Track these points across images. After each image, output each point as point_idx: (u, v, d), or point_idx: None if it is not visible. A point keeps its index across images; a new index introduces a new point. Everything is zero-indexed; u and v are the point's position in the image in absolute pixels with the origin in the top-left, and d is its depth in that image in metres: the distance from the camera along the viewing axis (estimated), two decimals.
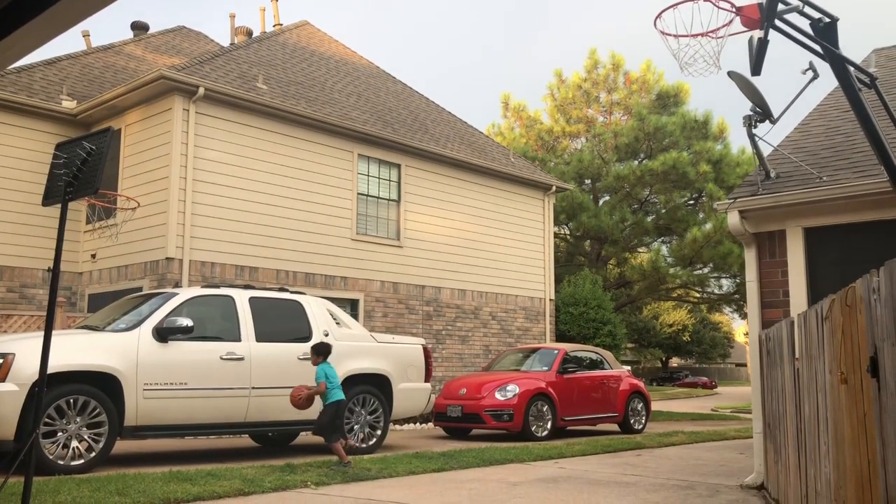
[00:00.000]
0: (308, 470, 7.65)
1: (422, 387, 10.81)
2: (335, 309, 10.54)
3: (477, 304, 17.71)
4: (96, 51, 17.64)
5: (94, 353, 7.97)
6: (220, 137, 13.45)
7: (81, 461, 7.62)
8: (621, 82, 28.81)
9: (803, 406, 4.83)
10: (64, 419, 7.58)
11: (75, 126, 14.20)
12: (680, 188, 25.53)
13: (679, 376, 58.68)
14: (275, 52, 17.17)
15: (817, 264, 7.42)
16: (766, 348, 6.84)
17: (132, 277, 13.23)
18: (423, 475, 7.89)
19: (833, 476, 3.93)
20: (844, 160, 7.90)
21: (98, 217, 13.11)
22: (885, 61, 10.76)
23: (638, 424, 14.23)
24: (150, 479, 6.81)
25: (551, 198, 19.89)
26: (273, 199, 14.02)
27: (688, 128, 25.75)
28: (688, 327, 57.15)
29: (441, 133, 18.45)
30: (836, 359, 3.73)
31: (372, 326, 14.72)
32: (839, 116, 9.16)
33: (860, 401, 3.25)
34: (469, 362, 17.31)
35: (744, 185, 8.21)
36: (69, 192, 5.30)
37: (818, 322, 4.18)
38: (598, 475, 8.11)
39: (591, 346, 15.92)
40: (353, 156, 15.50)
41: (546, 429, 12.51)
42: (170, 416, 8.37)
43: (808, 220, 7.49)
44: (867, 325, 3.06)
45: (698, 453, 10.62)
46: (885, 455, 2.84)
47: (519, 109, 30.51)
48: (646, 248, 28.92)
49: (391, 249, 16.01)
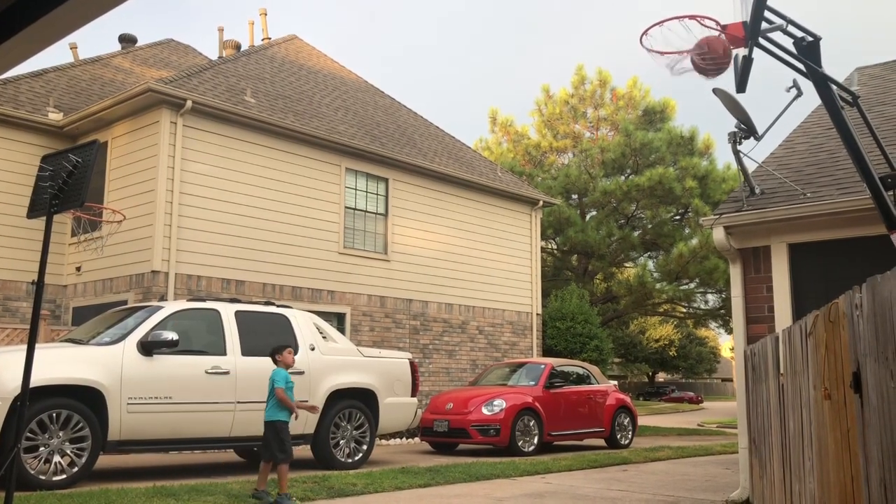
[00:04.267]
0: (293, 485, 7.59)
1: (408, 401, 10.78)
2: (322, 323, 10.50)
3: (464, 318, 17.70)
4: (84, 63, 17.59)
5: (78, 367, 7.90)
6: (207, 150, 13.42)
7: (64, 476, 7.53)
8: (608, 98, 29.00)
9: (788, 422, 4.85)
10: (46, 434, 7.50)
11: (62, 138, 14.14)
12: (666, 203, 25.68)
13: (665, 391, 58.75)
14: (263, 66, 17.18)
15: (802, 280, 7.48)
16: (751, 364, 6.87)
17: (117, 290, 13.14)
18: (409, 490, 7.85)
19: (817, 492, 3.95)
20: (828, 177, 7.98)
21: (83, 230, 13.03)
22: (867, 79, 10.89)
23: (624, 439, 14.23)
24: (134, 494, 6.75)
25: (538, 212, 19.95)
26: (260, 213, 14.00)
27: (674, 143, 25.93)
28: (674, 342, 57.26)
29: (429, 147, 18.49)
30: (819, 374, 3.75)
31: (359, 340, 14.68)
32: (822, 134, 9.26)
33: (844, 417, 3.27)
34: (456, 377, 17.28)
35: (729, 201, 8.27)
36: (55, 205, 5.28)
37: (802, 338, 4.21)
38: (585, 490, 8.10)
39: (577, 361, 15.93)
40: (341, 169, 15.51)
41: (533, 444, 12.49)
42: (154, 430, 8.30)
43: (793, 236, 7.55)
44: (850, 340, 3.09)
45: (684, 468, 10.63)
46: (868, 471, 2.86)
47: (506, 124, 30.63)
48: (632, 263, 29.02)
49: (378, 263, 16.00)
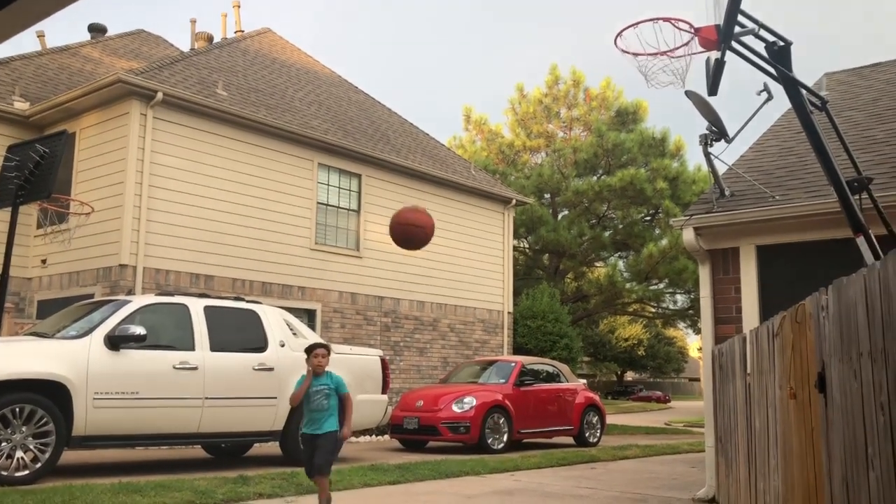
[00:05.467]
0: (261, 482, 7.54)
1: (379, 398, 10.75)
2: (292, 319, 10.44)
3: (435, 315, 17.70)
4: (51, 52, 17.30)
5: (43, 361, 7.77)
6: (177, 143, 13.27)
7: (26, 472, 7.40)
8: (581, 98, 29.17)
9: (754, 420, 4.92)
10: (9, 429, 7.37)
11: (28, 128, 13.89)
12: (637, 204, 25.90)
13: (634, 390, 59.29)
14: (235, 59, 17.03)
15: (770, 281, 7.58)
16: (718, 363, 6.96)
17: (84, 284, 12.95)
18: (379, 487, 7.84)
19: (782, 489, 4.01)
20: (797, 180, 8.09)
21: (50, 221, 12.81)
22: (835, 85, 11.07)
23: (593, 438, 14.33)
24: (99, 490, 6.66)
25: (511, 211, 20.00)
26: (230, 207, 13.87)
27: (646, 145, 26.16)
28: (643, 342, 57.79)
29: (402, 144, 18.46)
30: (785, 374, 3.81)
31: (329, 337, 14.61)
32: (792, 137, 9.39)
33: (808, 416, 3.32)
34: (427, 374, 17.28)
35: (699, 203, 8.36)
36: (21, 196, 5.19)
37: (769, 338, 4.26)
38: (553, 488, 8.15)
39: (547, 359, 16.01)
40: (314, 165, 15.42)
41: (502, 441, 12.53)
42: (121, 425, 8.19)
43: (761, 238, 7.65)
44: (816, 341, 3.13)
45: (652, 467, 10.73)
46: (831, 469, 2.90)
47: (480, 123, 30.69)
48: (603, 263, 29.22)
49: (350, 260, 15.94)
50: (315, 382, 5.86)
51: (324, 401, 5.81)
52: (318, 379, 5.88)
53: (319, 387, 5.83)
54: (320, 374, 5.88)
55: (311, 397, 5.80)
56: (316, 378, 5.88)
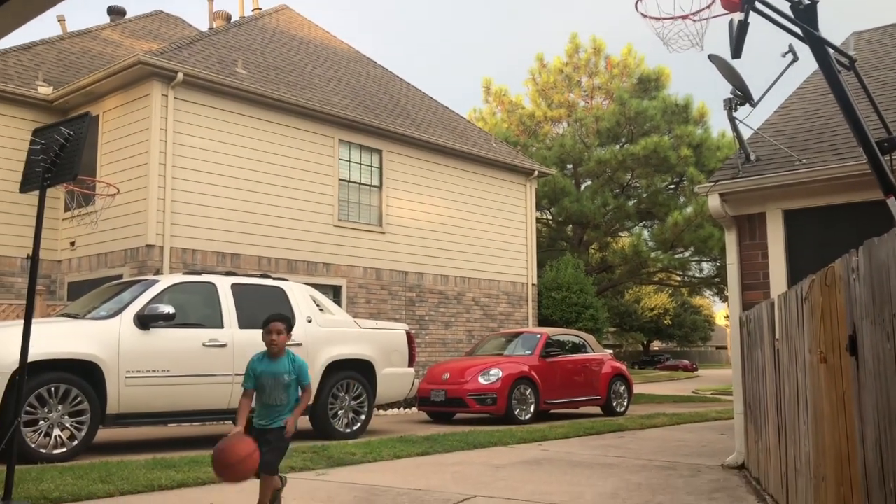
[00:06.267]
0: (292, 455, 7.65)
1: (405, 372, 10.83)
2: (318, 295, 10.52)
3: (460, 289, 17.73)
4: (72, 36, 17.38)
5: (75, 341, 7.91)
6: (199, 123, 13.32)
7: (64, 449, 7.58)
8: (602, 66, 28.81)
9: (783, 386, 4.89)
10: (45, 408, 7.53)
11: (52, 112, 14.01)
12: (661, 172, 25.64)
13: (660, 359, 59.20)
14: (254, 37, 17.01)
15: (797, 246, 7.49)
16: (746, 330, 6.91)
17: (112, 265, 13.11)
18: (408, 459, 7.92)
19: (812, 454, 3.99)
20: (824, 143, 7.96)
21: (77, 204, 12.96)
22: (863, 44, 10.83)
23: (620, 407, 14.35)
24: (134, 466, 6.79)
25: (533, 183, 19.90)
26: (254, 186, 13.93)
27: (669, 112, 25.82)
28: (669, 311, 57.56)
29: (422, 118, 18.39)
30: (815, 338, 3.77)
31: (355, 312, 14.70)
32: (819, 100, 9.22)
33: (839, 379, 3.29)
34: (452, 347, 17.35)
35: (724, 169, 8.26)
36: (47, 178, 5.24)
37: (798, 302, 4.22)
38: (581, 457, 8.18)
39: (573, 330, 16.01)
40: (335, 141, 15.42)
41: (529, 412, 12.58)
42: (152, 403, 8.33)
43: (788, 202, 7.55)
44: (846, 304, 3.10)
45: (680, 434, 10.73)
46: (864, 432, 2.88)
47: (500, 94, 30.44)
48: (627, 233, 29.04)
49: (373, 235, 15.98)
50: (270, 368, 4.64)
51: (282, 394, 4.63)
52: (273, 364, 4.65)
53: (276, 375, 4.63)
54: (276, 356, 4.67)
55: (265, 388, 4.62)
56: (271, 362, 4.66)
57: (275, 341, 4.66)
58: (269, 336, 4.66)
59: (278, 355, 4.69)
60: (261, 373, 4.65)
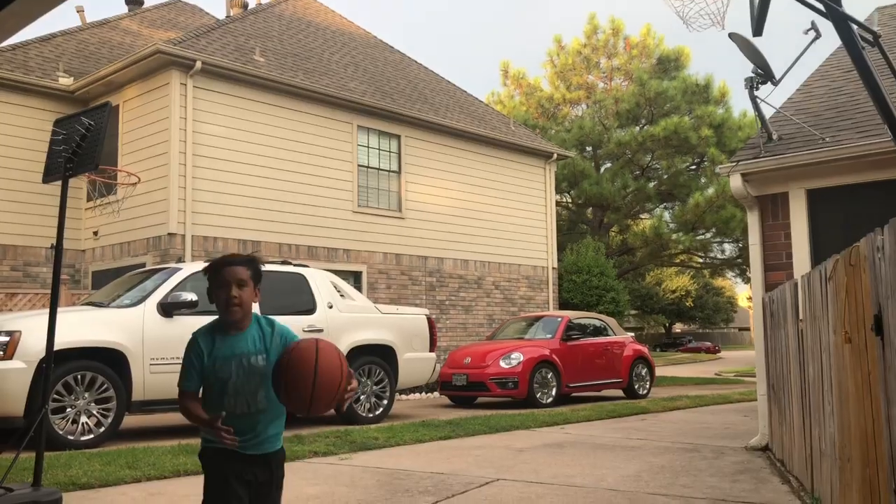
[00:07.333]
0: (315, 440, 7.71)
1: (427, 356, 10.87)
2: (339, 281, 10.55)
3: (480, 273, 17.73)
4: (91, 26, 17.49)
5: (100, 329, 8.00)
6: (218, 111, 13.37)
7: (91, 436, 7.69)
8: (621, 47, 28.56)
9: (807, 367, 4.85)
10: (72, 395, 7.64)
11: (73, 103, 14.11)
12: (682, 153, 25.44)
13: (682, 342, 58.91)
14: (271, 24, 17.01)
15: (820, 226, 7.41)
16: (769, 311, 6.85)
17: (135, 253, 13.24)
18: (430, 443, 7.95)
19: (837, 435, 3.96)
20: (847, 120, 7.84)
21: (99, 193, 13.09)
22: (887, 19, 10.64)
23: (642, 390, 14.31)
24: (160, 452, 6.88)
25: (552, 166, 19.81)
26: (273, 173, 13.98)
27: (689, 92, 25.58)
28: (691, 293, 57.23)
29: (440, 102, 18.33)
30: (839, 318, 3.73)
31: (375, 298, 14.75)
32: (841, 77, 9.08)
33: (864, 360, 3.26)
34: (473, 332, 17.37)
35: (746, 148, 8.16)
36: (69, 168, 5.29)
37: (822, 282, 4.18)
38: (604, 440, 8.17)
39: (594, 314, 15.96)
40: (353, 127, 15.42)
41: (551, 395, 12.59)
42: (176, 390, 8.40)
43: (811, 181, 7.45)
44: (871, 283, 3.06)
45: (703, 417, 10.69)
46: (890, 412, 2.85)
47: (519, 77, 30.28)
48: (648, 215, 28.87)
49: (393, 221, 16.00)
50: (230, 348, 2.71)
51: (258, 390, 2.66)
52: (234, 339, 2.72)
53: (242, 356, 2.69)
54: (238, 327, 2.74)
55: (226, 386, 2.66)
56: (228, 336, 2.73)
57: (235, 300, 2.69)
58: (223, 292, 2.70)
59: (241, 324, 2.74)
60: (215, 359, 2.69)
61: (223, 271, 2.76)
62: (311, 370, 2.51)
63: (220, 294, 2.76)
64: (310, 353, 2.55)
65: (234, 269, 2.77)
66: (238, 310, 2.75)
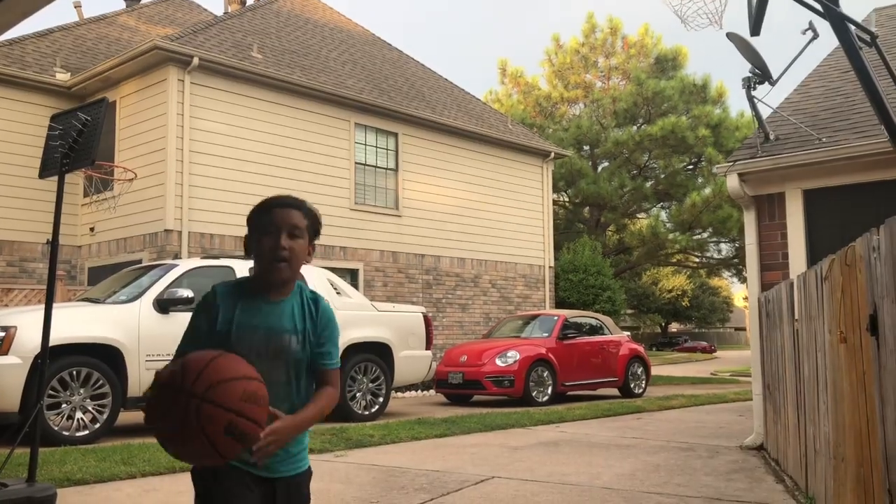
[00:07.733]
0: (311, 437, 7.69)
1: (423, 354, 10.87)
2: (335, 279, 10.55)
3: (476, 272, 17.73)
4: (89, 22, 17.45)
5: (96, 326, 7.99)
6: (215, 108, 13.35)
7: (86, 432, 7.67)
8: (619, 47, 28.58)
9: (802, 366, 4.86)
10: (67, 391, 7.62)
11: (70, 98, 14.08)
12: (679, 153, 25.46)
13: (678, 341, 58.99)
14: (269, 21, 16.99)
15: (817, 226, 7.42)
16: (765, 310, 6.87)
17: (131, 250, 13.22)
18: (426, 441, 7.95)
19: (832, 435, 3.97)
20: (844, 121, 7.86)
21: (96, 189, 13.07)
22: (885, 20, 10.65)
23: (638, 389, 14.33)
24: (155, 448, 6.86)
25: (550, 164, 19.81)
26: (270, 169, 13.97)
27: (686, 92, 25.61)
28: (687, 292, 57.31)
29: (438, 100, 18.33)
30: (835, 318, 3.74)
31: (372, 296, 14.75)
32: (839, 77, 9.09)
33: (859, 359, 3.26)
34: (469, 330, 17.38)
35: (743, 148, 8.17)
36: (66, 164, 5.28)
37: (818, 282, 4.18)
38: (599, 438, 8.18)
39: (590, 313, 15.98)
40: (350, 125, 15.41)
41: (546, 394, 12.59)
42: None
43: (808, 181, 7.47)
44: (867, 283, 3.06)
45: (698, 416, 10.71)
46: (884, 412, 2.86)
47: (516, 75, 30.29)
48: (645, 214, 28.91)
49: (390, 219, 15.99)
50: (263, 317, 2.09)
51: (282, 378, 2.08)
52: (269, 308, 2.10)
53: (273, 334, 2.07)
54: (278, 292, 2.13)
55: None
56: (262, 303, 2.11)
57: (284, 252, 2.08)
58: (269, 240, 2.08)
59: (283, 289, 2.13)
60: (235, 326, 2.06)
61: (273, 213, 2.10)
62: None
63: (264, 242, 2.07)
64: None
65: (289, 212, 2.11)
66: (286, 267, 2.07)
